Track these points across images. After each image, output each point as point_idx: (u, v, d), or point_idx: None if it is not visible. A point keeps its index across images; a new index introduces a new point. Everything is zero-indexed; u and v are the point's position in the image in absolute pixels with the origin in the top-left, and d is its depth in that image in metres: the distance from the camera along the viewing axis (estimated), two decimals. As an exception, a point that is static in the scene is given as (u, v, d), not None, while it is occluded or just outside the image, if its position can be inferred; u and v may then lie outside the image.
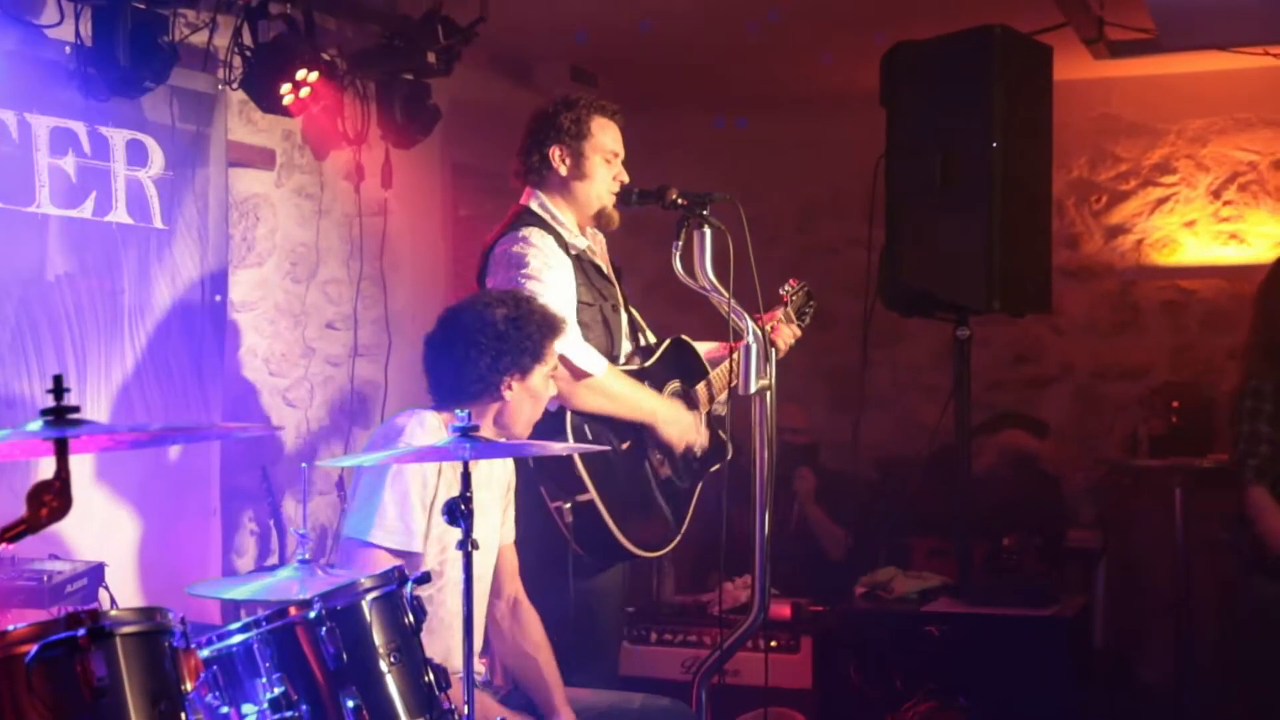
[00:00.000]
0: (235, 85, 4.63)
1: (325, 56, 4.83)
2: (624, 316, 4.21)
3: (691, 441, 4.14)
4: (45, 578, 3.40)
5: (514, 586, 3.71)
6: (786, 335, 4.44)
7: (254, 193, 5.12)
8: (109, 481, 4.19)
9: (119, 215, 4.23)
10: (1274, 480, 4.59)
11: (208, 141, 4.58)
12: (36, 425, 1.92)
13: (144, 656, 2.13)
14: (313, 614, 2.58)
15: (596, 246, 4.20)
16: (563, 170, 4.08)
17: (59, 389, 1.92)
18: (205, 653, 2.52)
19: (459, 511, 2.73)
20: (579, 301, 3.97)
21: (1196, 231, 7.07)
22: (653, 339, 4.32)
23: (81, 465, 4.09)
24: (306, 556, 3.04)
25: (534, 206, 4.09)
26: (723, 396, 4.30)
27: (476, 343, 3.40)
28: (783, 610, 5.10)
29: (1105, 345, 7.20)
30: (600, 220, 4.15)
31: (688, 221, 3.97)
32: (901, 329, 6.83)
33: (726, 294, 3.93)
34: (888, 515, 6.33)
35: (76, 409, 1.95)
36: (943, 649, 4.88)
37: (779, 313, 4.46)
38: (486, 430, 3.46)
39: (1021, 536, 5.23)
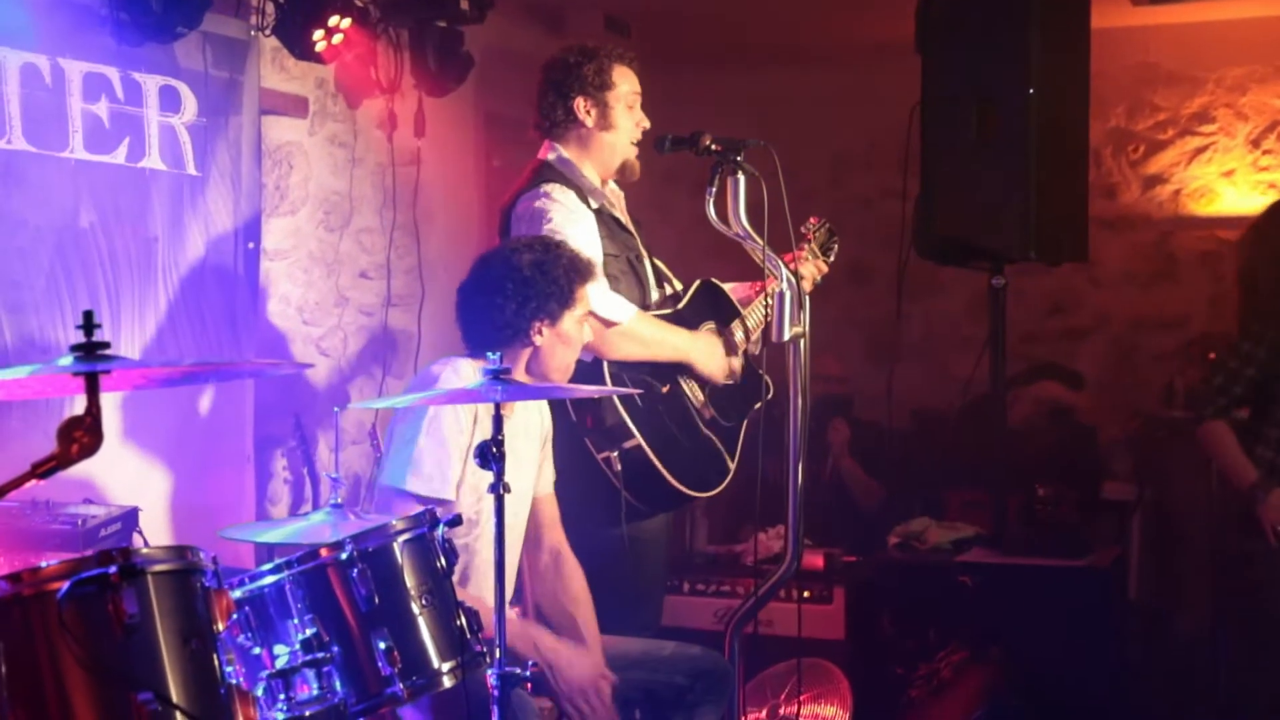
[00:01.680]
0: (268, 31, 4.62)
1: (358, 3, 4.81)
2: (649, 266, 4.20)
3: (733, 374, 4.14)
4: (80, 521, 3.42)
5: (555, 536, 3.70)
6: (812, 270, 4.40)
7: (287, 141, 5.11)
8: (142, 428, 4.20)
9: (152, 161, 4.23)
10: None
11: (241, 88, 4.57)
12: (67, 360, 1.92)
13: (175, 595, 2.13)
14: (344, 555, 2.58)
15: (615, 200, 4.18)
16: (589, 122, 4.07)
17: (89, 325, 1.92)
18: (237, 593, 2.53)
19: (491, 454, 2.72)
20: (605, 254, 3.96)
21: (1235, 181, 7.00)
22: (679, 286, 4.30)
23: (113, 412, 4.12)
24: (339, 501, 3.05)
25: (553, 160, 4.07)
26: (756, 335, 4.29)
27: (504, 288, 3.40)
28: (815, 561, 5.08)
29: (1142, 296, 7.15)
30: (624, 172, 4.15)
31: (721, 168, 3.94)
32: (936, 280, 6.79)
33: (761, 241, 3.90)
34: (922, 467, 6.31)
35: (107, 344, 1.95)
36: (976, 599, 4.86)
37: (804, 250, 4.44)
38: (519, 376, 3.46)
39: (1057, 488, 5.19)
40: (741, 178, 3.94)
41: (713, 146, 3.95)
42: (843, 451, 6.39)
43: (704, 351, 4.08)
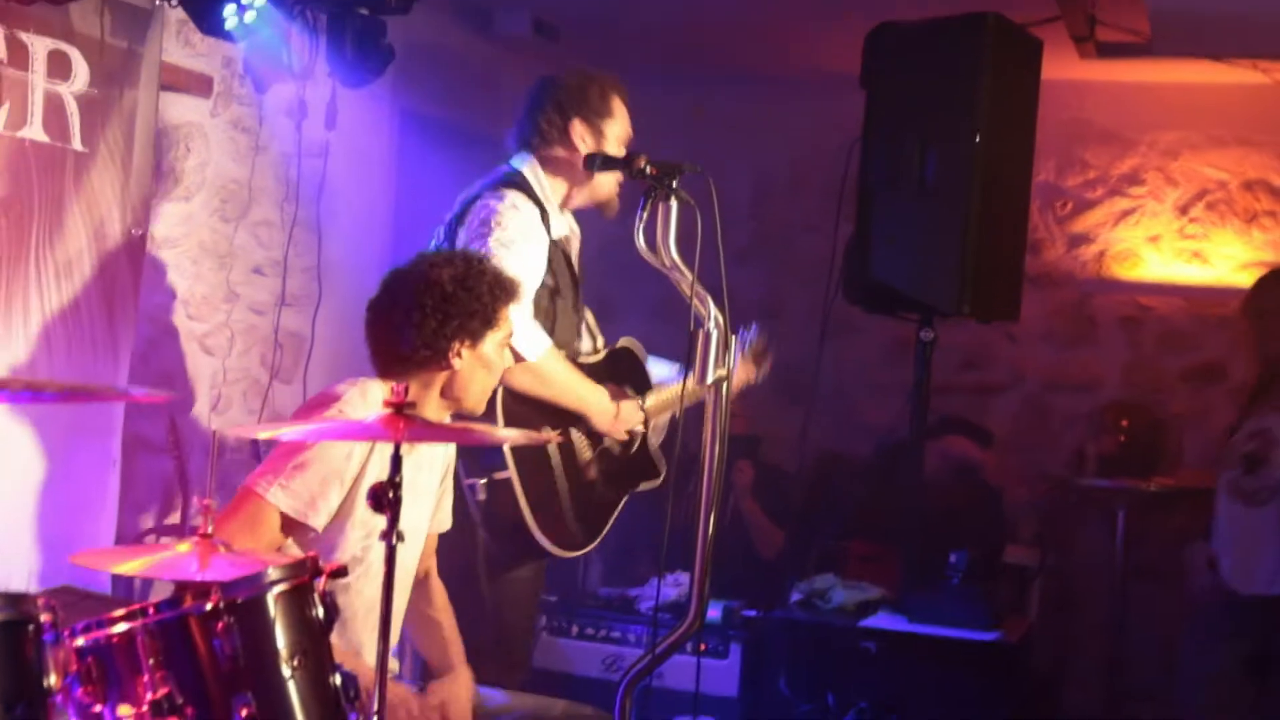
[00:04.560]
0: (175, 2, 4.26)
1: (274, -20, 4.47)
2: (585, 317, 4.04)
3: (629, 436, 3.94)
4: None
5: (429, 563, 3.45)
6: (743, 375, 4.22)
7: (186, 120, 4.76)
8: (-2, 423, 3.83)
9: (33, 132, 3.86)
10: None
11: (140, 60, 4.21)
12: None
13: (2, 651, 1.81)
14: (209, 606, 2.26)
15: (573, 238, 3.99)
16: (582, 147, 3.87)
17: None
18: (81, 641, 2.20)
19: (385, 499, 2.41)
20: (548, 287, 3.77)
21: (1160, 247, 6.89)
22: (601, 343, 4.08)
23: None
24: (209, 531, 2.72)
25: (527, 172, 3.87)
26: (661, 420, 4.08)
27: (422, 305, 3.09)
28: (713, 612, 4.83)
29: (1058, 357, 7.01)
30: (604, 207, 4.00)
31: (655, 193, 3.68)
32: (851, 322, 6.58)
33: (690, 274, 3.63)
34: (827, 516, 6.11)
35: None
36: (879, 666, 4.64)
37: (744, 353, 4.27)
38: (433, 403, 3.18)
39: (965, 551, 4.99)
40: (675, 205, 3.68)
41: (648, 169, 3.68)
42: (745, 493, 6.18)
43: (604, 408, 3.88)
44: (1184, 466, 6.59)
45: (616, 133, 3.94)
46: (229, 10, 4.25)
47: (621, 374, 4.04)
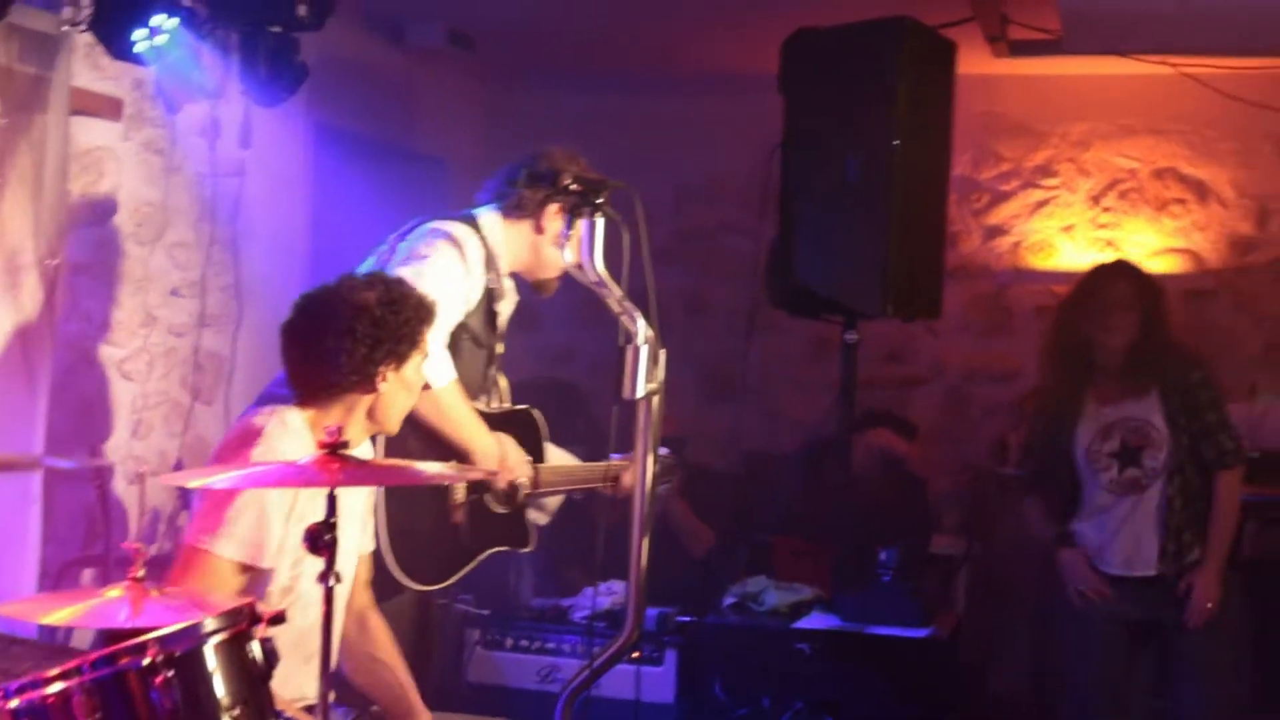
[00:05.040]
0: (84, 27, 4.19)
1: (185, 2, 4.40)
2: (493, 378, 4.04)
3: (511, 482, 3.89)
4: None
5: (364, 598, 3.40)
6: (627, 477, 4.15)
7: (97, 145, 4.67)
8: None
9: (-59, 166, 3.79)
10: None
11: (49, 86, 4.13)
12: None
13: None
14: (147, 661, 2.23)
15: (507, 298, 4.00)
16: (548, 230, 3.90)
17: None
18: (14, 703, 2.16)
19: (321, 542, 2.39)
20: (468, 333, 3.78)
21: (1074, 236, 6.98)
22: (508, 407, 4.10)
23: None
24: (140, 574, 2.68)
25: (485, 221, 3.89)
26: (552, 502, 4.09)
27: (352, 330, 3.06)
28: (647, 619, 4.83)
29: (977, 347, 7.08)
30: (540, 286, 4.03)
31: (580, 210, 3.67)
32: (773, 321, 6.61)
33: (618, 289, 3.63)
34: (753, 513, 6.14)
35: None
36: (814, 667, 4.67)
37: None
38: (358, 426, 3.16)
39: (896, 550, 5.03)
40: (600, 221, 3.67)
41: (572, 186, 3.67)
42: (673, 494, 6.17)
43: (490, 451, 3.82)
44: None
45: (585, 237, 3.86)
46: (140, 34, 4.18)
47: (517, 433, 3.96)
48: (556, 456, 4.18)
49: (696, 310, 7.25)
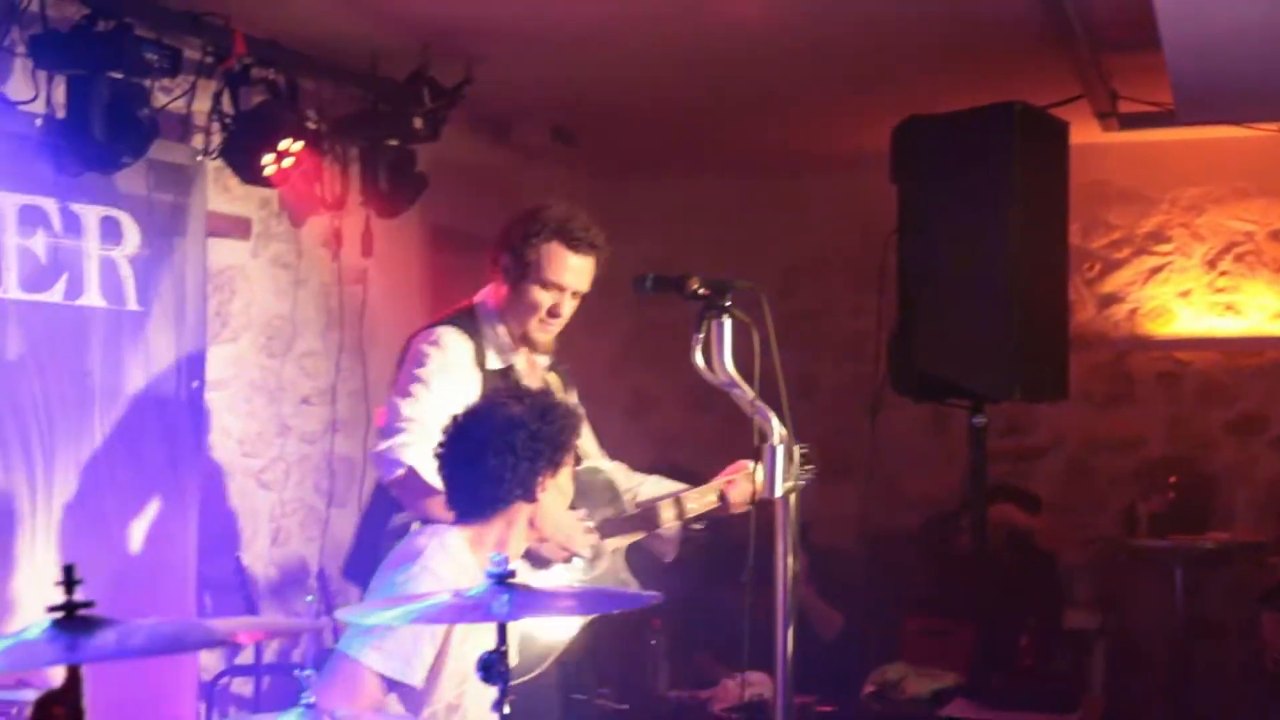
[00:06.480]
0: (215, 155, 4.33)
1: (310, 125, 4.54)
2: None
3: (566, 550, 3.62)
4: (14, 710, 3.07)
5: None
6: (744, 492, 4.10)
7: (229, 264, 4.81)
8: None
9: (91, 298, 3.92)
10: None
11: (186, 213, 4.28)
12: (38, 632, 1.60)
13: None
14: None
15: (530, 369, 3.93)
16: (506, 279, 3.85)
17: (70, 581, 1.61)
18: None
19: (496, 669, 2.42)
20: None
21: (1192, 302, 6.91)
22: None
23: (49, 551, 3.80)
24: (311, 700, 2.74)
25: (477, 309, 3.91)
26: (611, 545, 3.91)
27: (511, 446, 3.13)
28: (787, 711, 4.80)
29: (1098, 417, 7.00)
30: (530, 344, 3.91)
31: (709, 313, 3.70)
32: (885, 397, 6.61)
33: (750, 390, 3.65)
34: (879, 593, 6.09)
35: (91, 604, 1.63)
36: (958, 756, 4.63)
37: (748, 466, 4.13)
38: (519, 537, 3.23)
39: (1040, 635, 4.97)
40: (728, 322, 3.70)
41: (700, 291, 3.70)
42: (800, 580, 6.14)
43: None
44: (1236, 520, 6.59)
45: (540, 277, 3.83)
46: (267, 159, 4.32)
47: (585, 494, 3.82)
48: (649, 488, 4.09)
49: (806, 392, 7.25)
